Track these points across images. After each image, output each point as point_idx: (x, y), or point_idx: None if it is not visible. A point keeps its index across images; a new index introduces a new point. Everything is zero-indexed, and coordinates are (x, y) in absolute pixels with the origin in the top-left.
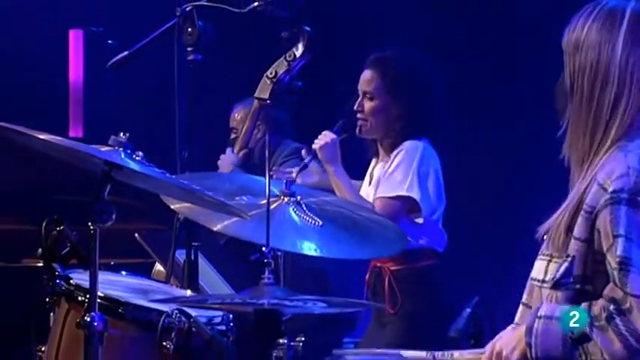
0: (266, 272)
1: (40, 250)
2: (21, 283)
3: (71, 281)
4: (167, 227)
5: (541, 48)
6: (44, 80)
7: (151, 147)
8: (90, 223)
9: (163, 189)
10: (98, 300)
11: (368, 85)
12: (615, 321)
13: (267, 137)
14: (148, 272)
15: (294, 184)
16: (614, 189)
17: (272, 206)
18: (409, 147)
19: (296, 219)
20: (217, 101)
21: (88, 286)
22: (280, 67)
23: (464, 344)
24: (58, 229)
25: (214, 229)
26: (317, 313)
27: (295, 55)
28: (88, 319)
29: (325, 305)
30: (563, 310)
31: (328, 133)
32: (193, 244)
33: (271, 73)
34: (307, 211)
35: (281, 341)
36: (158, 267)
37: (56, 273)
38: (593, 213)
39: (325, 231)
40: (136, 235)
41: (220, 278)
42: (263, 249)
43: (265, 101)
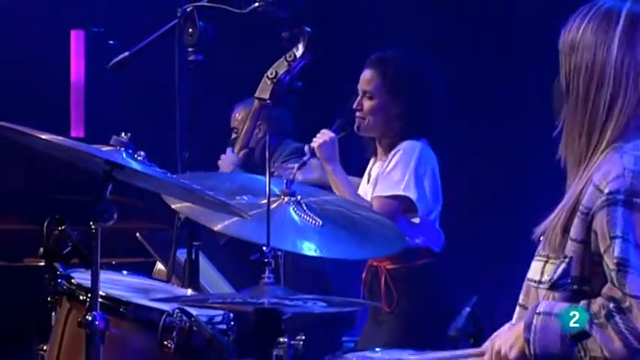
0: (266, 272)
1: (42, 250)
2: (23, 283)
3: (73, 280)
4: (168, 227)
5: (541, 48)
6: (46, 80)
7: (152, 147)
8: (91, 223)
9: (164, 189)
10: (99, 299)
11: (368, 85)
12: (615, 319)
13: (267, 137)
14: (149, 271)
15: (294, 183)
16: (610, 190)
17: (272, 206)
18: (407, 147)
19: (296, 219)
20: (218, 101)
21: (90, 286)
22: (281, 68)
23: (463, 343)
24: (60, 229)
25: (215, 229)
26: (317, 313)
27: (295, 56)
28: (90, 319)
29: (325, 304)
30: (562, 308)
31: (327, 132)
32: (194, 244)
33: (272, 74)
34: (307, 211)
35: (281, 340)
36: (159, 266)
37: (58, 272)
38: (589, 214)
39: (325, 231)
40: (137, 235)
41: (221, 277)
42: (263, 248)
43: (265, 101)
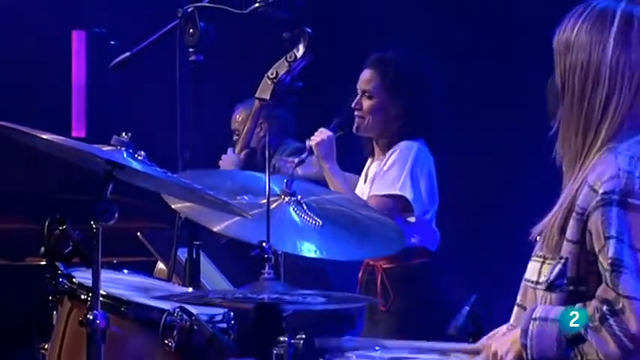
0: (266, 267)
1: (43, 249)
2: (24, 282)
3: (74, 280)
4: (169, 226)
5: (541, 49)
6: (47, 81)
7: (153, 147)
8: (92, 222)
9: (165, 188)
10: (100, 298)
11: (367, 85)
12: (609, 322)
13: (267, 137)
14: (150, 271)
15: (294, 182)
16: (604, 191)
17: (272, 205)
18: (404, 147)
19: (296, 219)
20: (218, 101)
21: (91, 285)
22: (281, 68)
23: (463, 342)
24: (61, 228)
25: (214, 230)
26: (317, 310)
27: (296, 56)
28: (91, 317)
29: (324, 300)
30: (558, 312)
31: (324, 130)
32: (195, 243)
33: (272, 74)
34: (307, 211)
35: (282, 339)
36: (160, 265)
37: (59, 271)
38: (584, 215)
39: (325, 231)
40: (138, 234)
41: (222, 276)
42: (263, 244)
43: (266, 101)
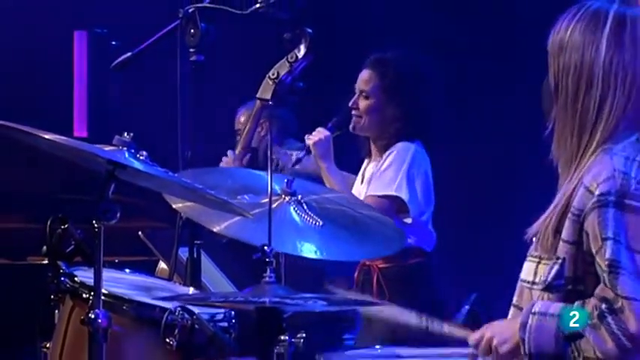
0: (267, 271)
1: (45, 248)
2: (26, 281)
3: (76, 279)
4: (170, 225)
5: (541, 49)
6: (49, 81)
7: (154, 147)
8: (94, 222)
9: (166, 188)
10: (102, 297)
11: (365, 85)
12: (607, 320)
13: (269, 136)
14: (152, 270)
15: (295, 181)
16: (601, 192)
17: (273, 205)
18: (401, 148)
19: (297, 219)
20: (219, 101)
21: (93, 284)
22: (282, 68)
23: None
24: (63, 228)
25: (215, 231)
26: (317, 311)
27: (297, 57)
28: (93, 316)
29: (325, 303)
30: (558, 307)
31: (322, 130)
32: (196, 242)
33: (273, 74)
34: (308, 211)
35: (282, 338)
36: (161, 265)
37: (61, 270)
38: (581, 216)
39: (326, 230)
40: (140, 234)
41: (223, 276)
42: (265, 248)
43: (267, 102)
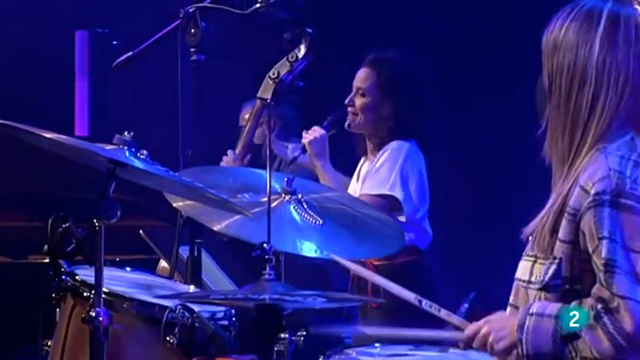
0: (267, 268)
1: (46, 247)
2: (27, 279)
3: (77, 277)
4: (171, 224)
5: (540, 49)
6: (51, 80)
7: (155, 145)
8: (95, 220)
9: (167, 186)
10: (103, 295)
11: (362, 83)
12: (603, 320)
13: (268, 135)
14: (153, 268)
15: (295, 180)
16: (596, 191)
17: (273, 204)
18: (395, 146)
19: (297, 217)
20: (220, 101)
21: (94, 282)
22: (282, 68)
23: None
24: (64, 226)
25: (215, 229)
26: (317, 309)
27: (297, 56)
28: (94, 315)
29: (325, 300)
30: (555, 308)
31: (317, 129)
32: (196, 241)
33: (274, 74)
34: (308, 209)
35: (282, 336)
36: (162, 263)
37: (62, 269)
38: (577, 216)
39: (326, 229)
40: (141, 232)
41: (223, 274)
42: (264, 245)
43: (267, 101)
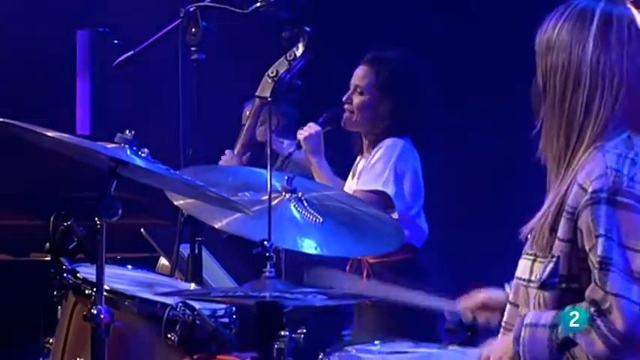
0: (267, 266)
1: (48, 245)
2: (29, 277)
3: (78, 275)
4: (172, 222)
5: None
6: (52, 79)
7: (156, 144)
8: (96, 219)
9: (168, 185)
10: (104, 293)
11: (360, 81)
12: (596, 322)
13: (269, 134)
14: (153, 266)
15: (295, 178)
16: (593, 189)
17: (273, 202)
18: (389, 144)
19: (297, 215)
20: (220, 99)
21: (95, 280)
22: (281, 67)
23: (461, 336)
24: (66, 224)
25: (216, 227)
26: (317, 306)
27: (296, 55)
28: (95, 312)
29: (325, 297)
30: (549, 317)
31: (313, 125)
32: (197, 239)
33: (272, 72)
34: (308, 208)
35: (282, 333)
36: (163, 261)
37: (63, 267)
38: (575, 214)
39: (326, 227)
40: (142, 230)
41: (224, 272)
42: (264, 242)
43: (266, 100)
